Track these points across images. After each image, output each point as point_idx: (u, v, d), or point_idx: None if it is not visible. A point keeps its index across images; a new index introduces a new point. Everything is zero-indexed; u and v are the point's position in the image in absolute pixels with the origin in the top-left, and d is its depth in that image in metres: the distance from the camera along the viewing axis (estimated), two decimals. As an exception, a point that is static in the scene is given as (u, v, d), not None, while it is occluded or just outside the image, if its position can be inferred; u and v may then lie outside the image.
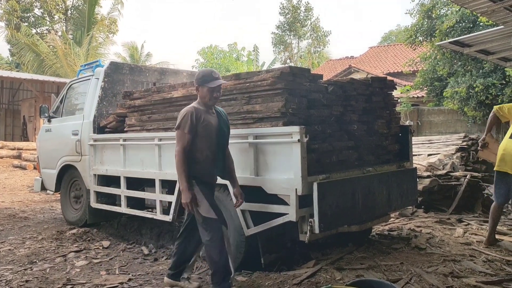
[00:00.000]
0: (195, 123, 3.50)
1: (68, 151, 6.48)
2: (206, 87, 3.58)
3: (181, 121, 3.50)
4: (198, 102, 3.67)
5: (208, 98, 3.60)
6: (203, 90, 3.59)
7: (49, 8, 27.46)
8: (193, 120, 3.49)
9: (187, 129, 3.47)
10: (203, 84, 3.59)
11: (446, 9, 13.71)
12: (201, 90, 3.60)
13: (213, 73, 3.66)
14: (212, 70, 3.70)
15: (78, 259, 4.88)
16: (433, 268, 3.90)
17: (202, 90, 3.60)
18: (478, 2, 5.47)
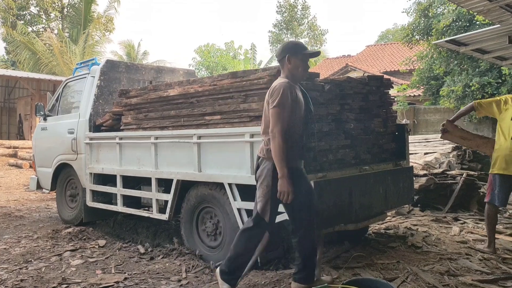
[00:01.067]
0: (291, 99, 3.16)
1: (64, 150, 6.45)
2: (300, 57, 3.26)
3: (280, 98, 3.10)
4: (286, 76, 3.29)
5: (301, 69, 3.29)
6: (295, 61, 3.26)
7: (45, 6, 27.36)
8: (292, 96, 3.16)
9: (286, 106, 3.12)
10: (296, 53, 3.27)
11: (442, 8, 13.74)
12: (293, 61, 3.26)
13: (302, 43, 3.43)
14: (300, 41, 3.46)
15: (74, 258, 4.86)
16: (430, 267, 3.90)
17: (294, 61, 3.26)
18: (474, 1, 5.48)
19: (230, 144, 4.15)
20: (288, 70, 3.30)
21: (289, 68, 3.29)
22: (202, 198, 4.52)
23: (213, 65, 35.98)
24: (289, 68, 3.29)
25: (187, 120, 4.68)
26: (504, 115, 4.48)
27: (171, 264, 4.42)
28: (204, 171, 4.39)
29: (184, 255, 4.59)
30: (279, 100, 3.10)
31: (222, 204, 4.27)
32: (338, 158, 4.17)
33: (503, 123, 4.46)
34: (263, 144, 3.31)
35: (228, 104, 4.25)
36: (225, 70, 32.49)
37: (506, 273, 3.78)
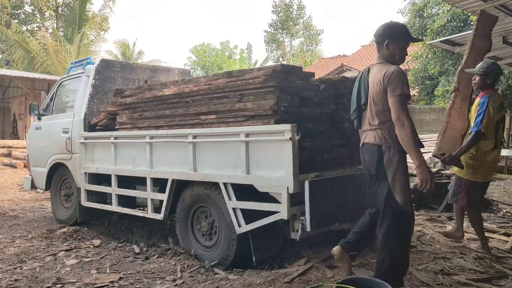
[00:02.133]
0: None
1: (58, 149, 6.42)
2: (399, 43, 3.13)
3: (403, 84, 2.99)
4: (384, 59, 3.19)
5: (399, 56, 3.17)
6: (394, 47, 3.13)
7: (40, 5, 27.23)
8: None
9: (408, 91, 3.00)
10: (396, 38, 3.13)
11: (437, 8, 13.79)
12: (392, 46, 3.13)
13: (405, 27, 3.24)
14: (403, 24, 3.28)
15: (68, 258, 4.84)
16: (424, 266, 3.92)
17: (393, 46, 3.13)
18: (469, 1, 5.51)
19: (225, 143, 4.14)
20: (385, 55, 3.19)
21: (385, 54, 3.18)
22: (197, 197, 4.52)
23: (209, 65, 35.95)
24: (385, 54, 3.18)
25: (182, 120, 4.67)
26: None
27: (166, 264, 4.41)
28: (199, 171, 4.39)
29: (179, 255, 4.58)
30: (402, 86, 2.99)
31: (217, 204, 4.27)
32: (332, 158, 4.19)
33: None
34: (379, 132, 3.15)
35: (223, 103, 4.25)
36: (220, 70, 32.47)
37: (499, 272, 3.80)
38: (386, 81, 3.04)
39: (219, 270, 4.16)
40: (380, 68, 3.15)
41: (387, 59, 3.18)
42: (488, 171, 4.44)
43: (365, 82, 3.27)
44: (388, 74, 3.04)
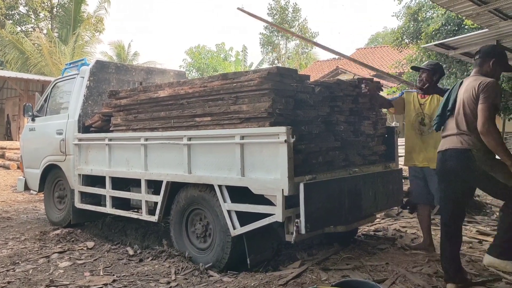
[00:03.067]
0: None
1: (52, 151, 6.39)
2: (501, 67, 3.45)
3: (496, 95, 3.24)
4: (484, 74, 3.41)
5: (496, 76, 3.44)
6: (497, 67, 3.42)
7: (35, 6, 27.11)
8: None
9: (499, 103, 3.30)
10: (501, 63, 3.44)
11: (432, 12, 13.84)
12: (495, 68, 3.42)
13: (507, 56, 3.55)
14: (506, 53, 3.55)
15: (62, 260, 4.81)
16: (418, 269, 3.93)
17: (495, 68, 3.42)
18: (463, 5, 5.54)
19: (220, 145, 4.14)
20: (486, 71, 3.42)
21: (487, 70, 3.42)
22: (192, 199, 4.51)
23: (204, 67, 35.96)
24: (487, 70, 3.42)
25: (177, 122, 4.66)
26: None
27: (160, 266, 4.39)
28: (194, 173, 4.38)
29: (173, 257, 4.56)
30: (494, 97, 3.23)
31: (212, 206, 4.26)
32: (328, 160, 4.19)
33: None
34: (466, 137, 3.34)
35: (218, 105, 4.24)
36: (215, 72, 32.48)
37: (493, 275, 3.81)
38: (481, 89, 3.26)
39: (214, 272, 4.15)
40: (476, 78, 3.39)
41: (486, 74, 3.41)
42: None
43: (455, 92, 3.52)
44: (485, 82, 3.27)
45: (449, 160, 3.42)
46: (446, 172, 3.47)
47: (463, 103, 3.36)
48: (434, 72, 4.43)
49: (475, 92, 3.28)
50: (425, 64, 4.54)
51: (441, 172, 3.53)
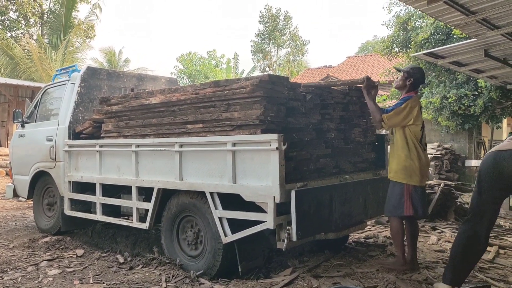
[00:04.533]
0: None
1: (42, 157, 6.34)
2: None
3: None
4: None
5: None
6: None
7: (25, 12, 26.94)
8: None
9: None
10: None
11: (421, 22, 14.02)
12: None
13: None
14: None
15: (51, 268, 4.76)
16: (408, 275, 3.95)
17: None
18: (451, 15, 5.62)
19: (212, 152, 4.15)
20: None
21: None
22: (183, 207, 4.50)
23: (195, 74, 35.96)
24: None
25: (169, 129, 4.66)
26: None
27: (151, 274, 4.37)
28: (185, 180, 4.37)
29: (164, 265, 4.54)
30: None
31: (203, 213, 4.26)
32: (318, 167, 4.22)
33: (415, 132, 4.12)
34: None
35: (210, 113, 4.26)
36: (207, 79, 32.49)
37: (482, 282, 3.85)
38: None
39: (205, 280, 4.13)
40: None
41: None
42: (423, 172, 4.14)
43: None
44: None
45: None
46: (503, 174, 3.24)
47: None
48: (408, 76, 4.18)
49: None
50: (405, 67, 4.37)
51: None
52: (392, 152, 4.22)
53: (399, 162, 4.08)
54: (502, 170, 3.17)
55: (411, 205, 4.03)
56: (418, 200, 4.05)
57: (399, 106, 4.08)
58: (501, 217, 7.26)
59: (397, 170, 4.09)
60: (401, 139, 4.10)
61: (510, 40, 6.46)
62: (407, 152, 4.05)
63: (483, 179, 3.28)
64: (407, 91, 4.21)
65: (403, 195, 4.04)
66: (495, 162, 3.21)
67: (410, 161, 4.03)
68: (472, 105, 12.24)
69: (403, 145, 4.08)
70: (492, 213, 3.31)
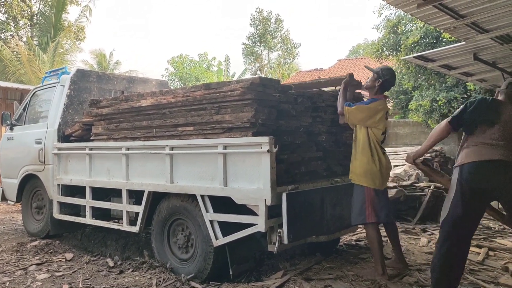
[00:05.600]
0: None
1: (30, 160, 6.28)
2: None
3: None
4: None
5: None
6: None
7: (14, 14, 26.70)
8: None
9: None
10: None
11: (411, 25, 14.13)
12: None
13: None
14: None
15: (40, 272, 4.71)
16: (399, 277, 3.96)
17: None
18: (441, 19, 5.66)
19: (203, 155, 4.13)
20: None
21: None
22: (174, 210, 4.47)
23: (186, 76, 35.85)
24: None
25: (159, 131, 4.64)
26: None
27: (141, 278, 4.33)
28: (176, 183, 4.35)
29: (154, 268, 4.50)
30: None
31: (194, 216, 4.24)
32: (310, 170, 4.22)
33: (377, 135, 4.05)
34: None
35: (201, 115, 4.24)
36: (198, 81, 32.41)
37: (473, 284, 3.87)
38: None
39: (196, 283, 4.10)
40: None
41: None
42: (384, 176, 4.07)
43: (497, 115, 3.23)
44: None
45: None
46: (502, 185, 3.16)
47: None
48: (378, 77, 4.10)
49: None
50: (377, 67, 4.26)
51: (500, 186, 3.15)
52: (354, 152, 4.11)
53: (361, 165, 4.01)
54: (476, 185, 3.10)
55: (372, 211, 3.94)
56: (379, 204, 3.96)
57: (364, 104, 4.03)
58: (490, 219, 7.32)
59: (360, 173, 4.01)
60: (364, 140, 4.02)
61: (499, 44, 6.53)
62: (369, 155, 3.97)
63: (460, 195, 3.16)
64: (375, 92, 4.13)
65: (364, 202, 3.96)
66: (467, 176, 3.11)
67: (373, 165, 3.97)
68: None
69: (366, 147, 4.00)
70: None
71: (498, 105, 3.27)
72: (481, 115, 3.21)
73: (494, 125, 3.16)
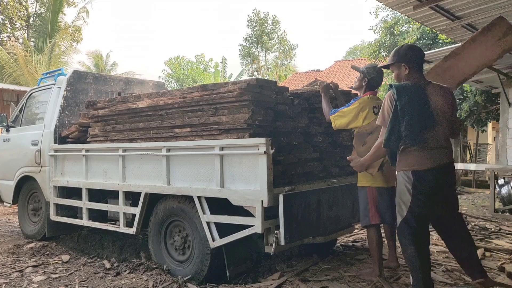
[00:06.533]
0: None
1: (27, 162, 6.26)
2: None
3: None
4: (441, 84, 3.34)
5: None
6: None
7: (11, 15, 26.65)
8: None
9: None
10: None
11: (407, 26, 14.19)
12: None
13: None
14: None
15: (36, 274, 4.69)
16: (395, 278, 3.97)
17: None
18: (437, 20, 5.70)
19: (200, 157, 4.13)
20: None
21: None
22: (171, 211, 4.47)
23: (183, 78, 35.87)
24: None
25: (156, 133, 4.63)
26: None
27: (138, 280, 4.32)
28: (173, 184, 4.35)
29: (151, 270, 4.50)
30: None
31: (191, 218, 4.23)
32: (306, 171, 4.22)
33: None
34: (451, 150, 3.23)
35: (198, 116, 4.24)
36: (195, 83, 32.43)
37: (468, 284, 3.88)
38: (453, 97, 3.24)
39: (193, 285, 4.10)
40: (440, 85, 3.27)
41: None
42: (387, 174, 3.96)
43: (420, 100, 3.12)
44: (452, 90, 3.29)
45: (452, 174, 3.25)
46: (443, 187, 3.18)
47: (445, 113, 3.15)
48: (363, 76, 4.08)
49: (453, 101, 3.22)
50: (363, 66, 4.20)
51: (439, 188, 3.15)
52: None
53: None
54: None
55: (376, 212, 3.90)
56: (383, 204, 3.91)
57: (346, 107, 3.98)
58: (486, 219, 7.35)
59: (360, 174, 3.97)
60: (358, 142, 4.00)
61: (495, 45, 6.56)
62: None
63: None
64: (363, 91, 4.10)
65: (367, 203, 3.93)
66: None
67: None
68: (458, 109, 12.40)
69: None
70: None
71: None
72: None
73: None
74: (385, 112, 3.18)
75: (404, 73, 3.26)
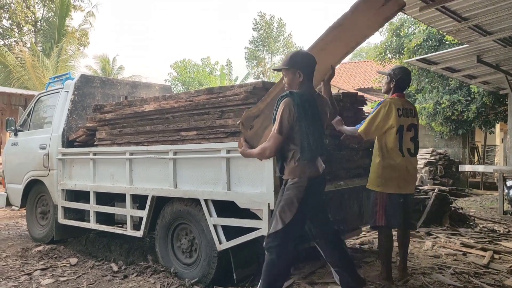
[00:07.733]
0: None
1: (35, 166, 6.30)
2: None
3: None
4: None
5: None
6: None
7: (18, 20, 26.89)
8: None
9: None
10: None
11: (413, 28, 14.14)
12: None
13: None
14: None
15: (44, 277, 4.72)
16: (403, 281, 3.95)
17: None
18: (444, 22, 5.67)
19: (206, 160, 4.14)
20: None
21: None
22: (178, 214, 4.48)
23: (189, 81, 35.94)
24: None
25: (163, 136, 4.65)
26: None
27: (145, 282, 4.33)
28: (179, 187, 4.36)
29: (158, 273, 4.51)
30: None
31: (198, 221, 4.24)
32: (313, 174, 4.20)
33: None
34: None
35: (204, 120, 4.25)
36: (201, 86, 32.49)
37: (477, 287, 3.85)
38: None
39: (200, 288, 4.11)
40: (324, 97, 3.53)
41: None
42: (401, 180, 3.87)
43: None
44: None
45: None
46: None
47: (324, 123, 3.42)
48: (391, 79, 4.03)
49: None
50: (389, 70, 4.16)
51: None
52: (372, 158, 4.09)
53: (373, 170, 3.94)
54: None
55: (383, 214, 3.83)
56: (393, 209, 3.83)
57: (370, 116, 3.93)
58: (495, 222, 7.29)
59: (372, 178, 3.94)
60: (375, 145, 3.99)
61: (502, 46, 6.53)
62: (380, 159, 3.88)
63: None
64: (392, 93, 4.06)
65: (376, 204, 3.88)
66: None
67: (383, 169, 3.84)
68: (465, 110, 12.33)
69: (376, 151, 3.94)
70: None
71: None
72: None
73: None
74: (285, 120, 3.04)
75: (298, 80, 3.18)
